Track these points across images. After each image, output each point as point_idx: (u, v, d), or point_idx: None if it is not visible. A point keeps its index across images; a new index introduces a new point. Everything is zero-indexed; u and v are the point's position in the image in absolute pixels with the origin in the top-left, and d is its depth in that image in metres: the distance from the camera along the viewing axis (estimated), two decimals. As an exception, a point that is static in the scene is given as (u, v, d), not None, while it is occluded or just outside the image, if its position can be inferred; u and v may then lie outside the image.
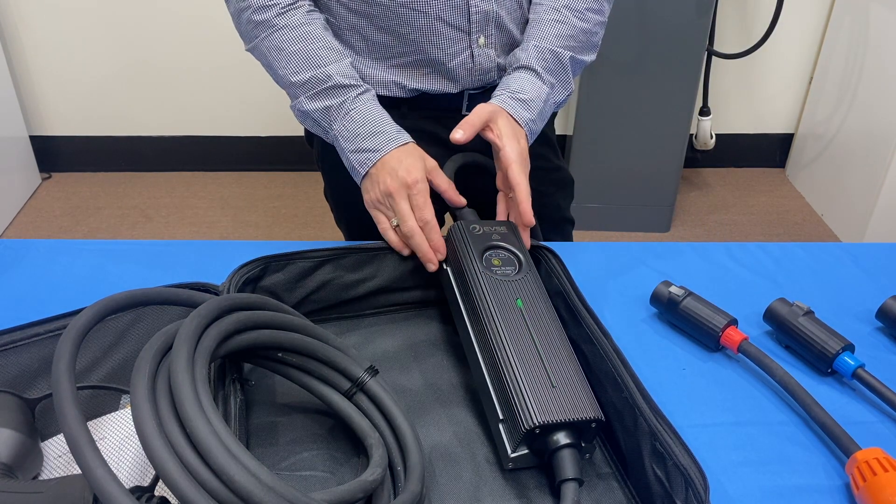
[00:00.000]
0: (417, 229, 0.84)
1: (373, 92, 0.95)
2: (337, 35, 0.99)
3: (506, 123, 0.92)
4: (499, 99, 0.95)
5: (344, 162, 0.94)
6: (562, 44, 0.99)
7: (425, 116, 1.05)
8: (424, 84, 1.01)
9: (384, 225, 0.88)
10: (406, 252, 0.86)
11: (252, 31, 0.94)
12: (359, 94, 0.93)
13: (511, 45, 1.03)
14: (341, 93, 0.92)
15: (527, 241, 0.87)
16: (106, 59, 2.56)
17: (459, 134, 0.90)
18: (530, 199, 0.87)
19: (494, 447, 0.70)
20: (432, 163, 0.91)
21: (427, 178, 0.89)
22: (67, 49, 2.53)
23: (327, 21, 0.99)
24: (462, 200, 0.92)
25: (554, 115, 1.10)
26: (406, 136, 0.92)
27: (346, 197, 1.14)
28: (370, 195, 0.90)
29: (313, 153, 1.15)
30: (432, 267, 0.85)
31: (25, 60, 2.55)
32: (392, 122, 0.93)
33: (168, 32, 2.52)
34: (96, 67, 2.57)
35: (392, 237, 0.87)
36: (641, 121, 2.31)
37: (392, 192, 0.86)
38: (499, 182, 0.93)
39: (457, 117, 1.06)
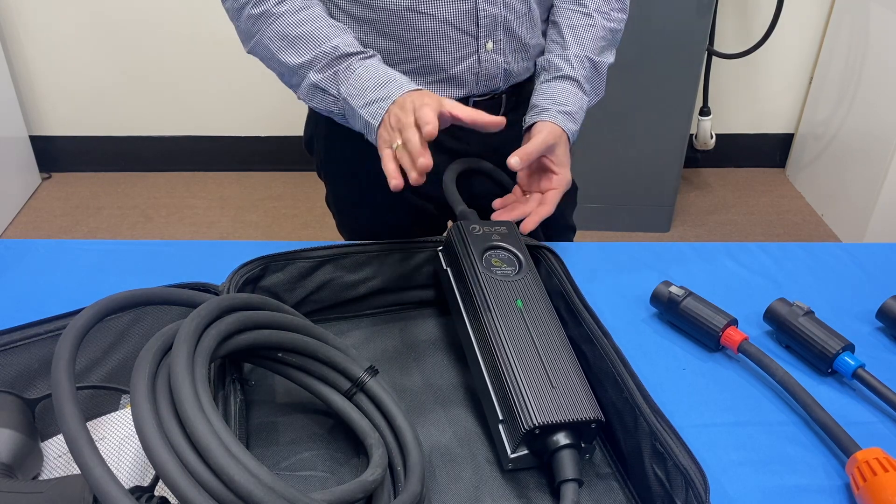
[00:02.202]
0: (415, 129, 0.78)
1: (379, 56, 0.92)
2: None
3: (564, 152, 0.96)
4: (549, 114, 0.97)
5: (356, 125, 0.90)
6: (597, 47, 1.01)
7: None
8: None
9: (387, 157, 0.81)
10: (397, 179, 0.79)
11: (253, 27, 0.93)
12: (366, 56, 0.91)
13: (519, 49, 1.02)
14: (349, 58, 0.90)
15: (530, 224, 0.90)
16: (106, 59, 2.56)
17: (515, 161, 0.90)
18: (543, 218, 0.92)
19: (494, 447, 0.70)
20: (450, 101, 0.85)
21: (448, 114, 0.83)
22: (67, 49, 2.54)
23: None
24: (497, 120, 0.85)
25: None
26: (416, 85, 0.87)
27: (347, 204, 1.14)
28: (382, 136, 0.84)
29: (314, 161, 1.15)
30: (414, 177, 0.77)
31: (25, 60, 2.55)
32: (401, 75, 0.88)
33: (168, 32, 2.52)
34: (96, 67, 2.58)
35: (391, 166, 0.80)
36: (641, 121, 2.31)
37: (400, 118, 0.81)
38: (521, 180, 0.95)
39: (462, 124, 1.06)
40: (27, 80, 2.59)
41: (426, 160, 0.76)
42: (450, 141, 1.06)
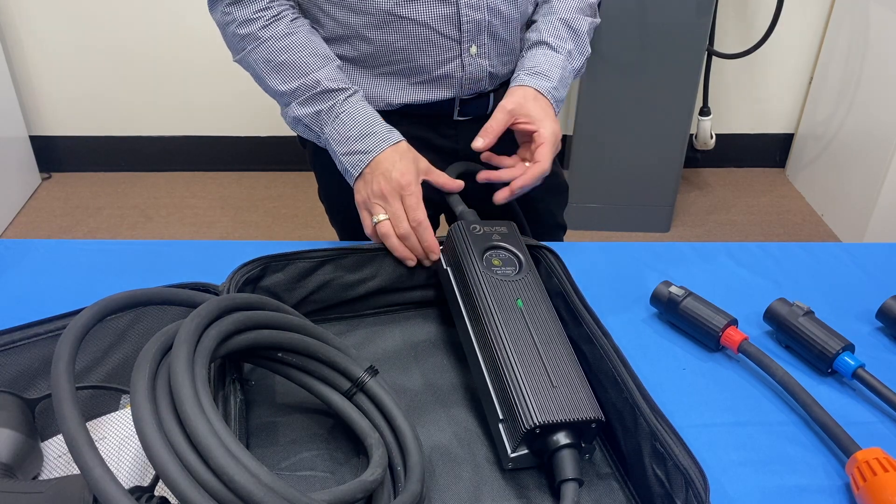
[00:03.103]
0: (411, 231, 0.86)
1: (361, 93, 0.95)
2: None
3: (535, 106, 0.94)
4: (517, 80, 0.98)
5: (337, 165, 0.95)
6: (571, 17, 1.02)
7: (417, 123, 1.04)
8: (412, 95, 1.01)
9: (369, 227, 0.89)
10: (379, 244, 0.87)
11: (239, 44, 0.95)
12: (347, 96, 0.93)
13: (505, 52, 1.02)
14: (331, 97, 0.92)
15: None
16: (106, 59, 2.56)
17: (480, 142, 0.93)
18: (537, 180, 0.92)
19: (494, 447, 0.70)
20: (425, 163, 0.91)
21: (423, 178, 0.90)
22: (67, 49, 2.53)
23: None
24: (459, 184, 0.93)
25: None
26: (397, 135, 0.92)
27: (338, 198, 1.14)
28: (361, 195, 0.91)
29: (307, 155, 1.15)
30: (427, 262, 0.86)
31: (25, 60, 2.55)
32: (382, 122, 0.93)
33: (168, 32, 2.52)
34: (96, 67, 2.58)
35: (376, 239, 0.88)
36: (641, 121, 2.31)
37: (385, 194, 0.87)
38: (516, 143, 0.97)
39: (449, 122, 1.06)
40: (27, 80, 2.59)
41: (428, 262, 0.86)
42: (438, 139, 1.06)
